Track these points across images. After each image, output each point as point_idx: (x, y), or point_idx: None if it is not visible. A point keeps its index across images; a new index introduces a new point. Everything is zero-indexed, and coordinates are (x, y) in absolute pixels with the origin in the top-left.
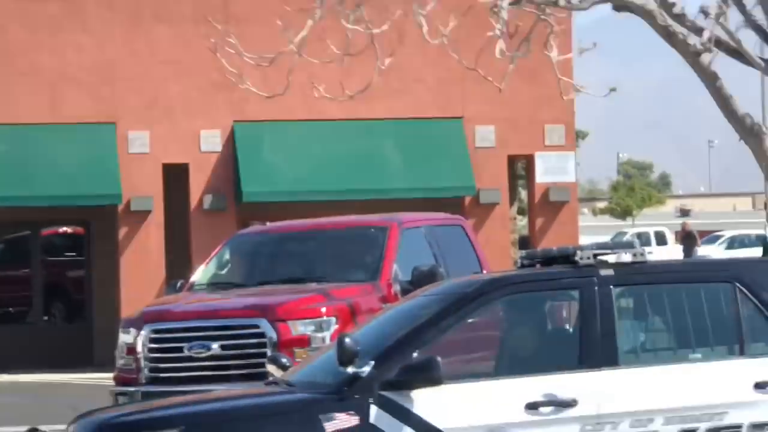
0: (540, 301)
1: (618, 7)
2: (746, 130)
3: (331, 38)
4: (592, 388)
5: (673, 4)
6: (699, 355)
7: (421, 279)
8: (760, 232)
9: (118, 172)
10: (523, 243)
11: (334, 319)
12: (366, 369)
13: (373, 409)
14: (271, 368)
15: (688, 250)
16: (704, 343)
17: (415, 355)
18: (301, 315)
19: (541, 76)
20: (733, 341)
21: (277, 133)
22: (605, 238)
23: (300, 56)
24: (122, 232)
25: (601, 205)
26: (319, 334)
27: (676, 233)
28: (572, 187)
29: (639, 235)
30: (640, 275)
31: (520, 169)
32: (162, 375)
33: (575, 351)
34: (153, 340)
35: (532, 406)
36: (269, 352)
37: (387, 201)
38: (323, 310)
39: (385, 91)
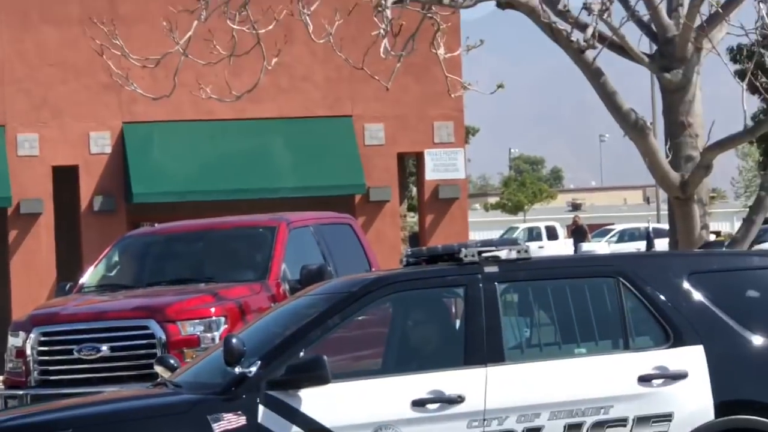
0: (425, 299)
1: (502, 4)
2: (630, 125)
3: (218, 39)
4: (478, 385)
5: (557, 1)
6: (584, 350)
7: (309, 278)
8: (652, 225)
9: (7, 174)
10: (415, 240)
11: (223, 319)
12: (253, 369)
13: (261, 409)
14: (159, 369)
15: (579, 244)
16: (589, 337)
17: (301, 354)
18: (189, 315)
19: (429, 74)
20: (617, 336)
21: (166, 133)
22: (497, 234)
23: (186, 57)
24: (12, 234)
25: (493, 200)
26: (209, 335)
27: (567, 227)
28: (462, 184)
29: (530, 230)
30: (524, 272)
31: (411, 166)
32: (52, 378)
33: (461, 348)
34: (42, 343)
35: (418, 403)
36: (159, 353)
37: (277, 200)
38: (212, 310)
39: (273, 91)
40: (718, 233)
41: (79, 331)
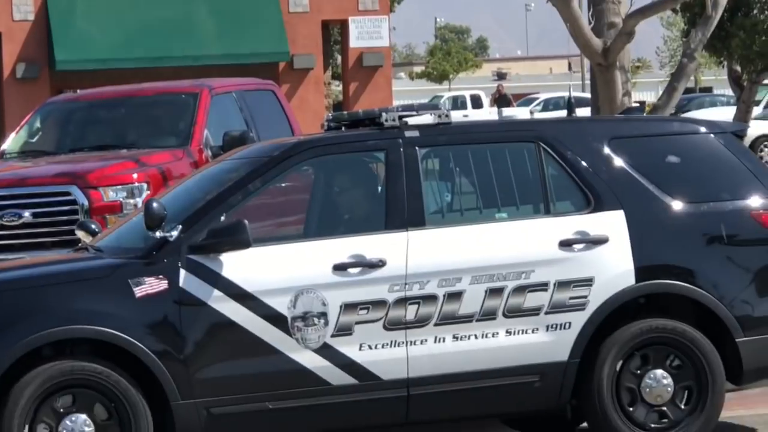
0: (346, 164)
1: None
2: None
3: None
4: (400, 249)
5: None
6: (505, 215)
7: (231, 144)
8: (575, 94)
9: None
10: (339, 108)
11: (145, 185)
12: (174, 233)
13: (182, 273)
14: (80, 234)
15: (500, 110)
16: (510, 202)
17: (222, 218)
18: (112, 181)
19: None
20: (538, 201)
21: (90, 0)
22: (422, 102)
23: None
24: None
25: (418, 69)
26: (131, 200)
27: (491, 96)
28: (386, 52)
29: (455, 99)
30: (444, 136)
31: (336, 33)
32: None
33: (382, 212)
34: None
35: (339, 267)
36: (82, 219)
37: (201, 67)
38: (134, 176)
39: None
40: (642, 103)
41: (1, 197)
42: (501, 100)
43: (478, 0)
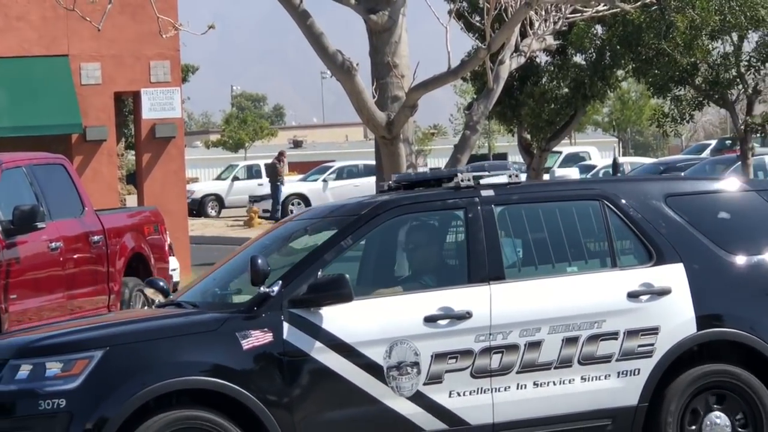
0: (428, 221)
1: None
2: (337, 66)
3: None
4: (484, 301)
5: None
6: (575, 268)
7: (22, 218)
8: (369, 162)
9: None
10: (132, 178)
11: None
12: (275, 288)
13: (285, 326)
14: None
15: (274, 181)
16: (579, 257)
17: (319, 274)
18: None
19: (145, 13)
20: (605, 255)
21: None
22: (217, 171)
23: None
24: None
25: (214, 137)
26: None
27: (265, 165)
28: (179, 123)
29: (249, 168)
30: (517, 195)
31: (131, 104)
32: None
33: (464, 267)
34: None
35: (430, 320)
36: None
37: None
38: None
39: None
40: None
41: None
42: (278, 166)
43: (274, 68)
